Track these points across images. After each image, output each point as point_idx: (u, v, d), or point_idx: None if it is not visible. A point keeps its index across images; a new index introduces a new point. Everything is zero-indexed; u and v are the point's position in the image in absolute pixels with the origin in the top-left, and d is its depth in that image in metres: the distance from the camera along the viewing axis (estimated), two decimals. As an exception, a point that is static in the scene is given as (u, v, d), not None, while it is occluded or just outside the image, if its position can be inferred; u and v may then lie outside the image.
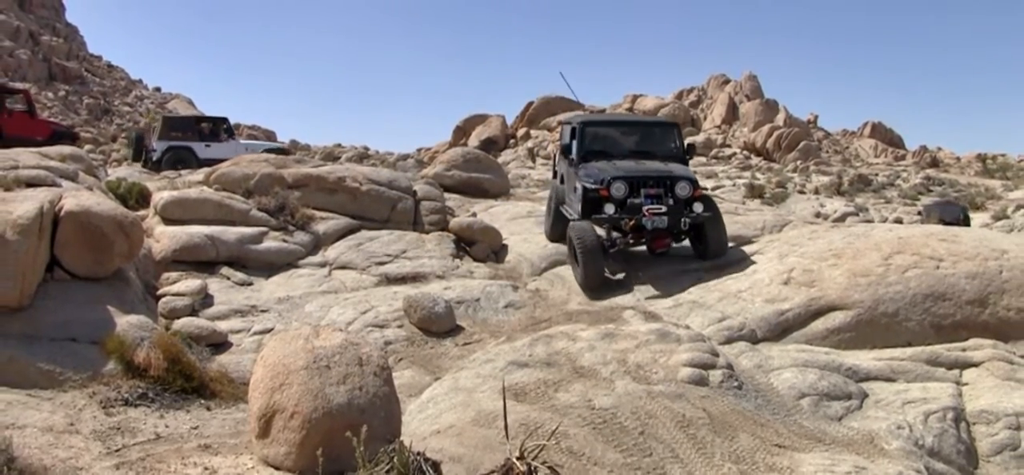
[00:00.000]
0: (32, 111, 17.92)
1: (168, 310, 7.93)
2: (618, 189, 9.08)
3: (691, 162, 10.61)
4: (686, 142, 10.96)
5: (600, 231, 9.27)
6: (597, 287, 8.98)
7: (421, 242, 10.59)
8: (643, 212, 8.97)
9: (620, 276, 9.48)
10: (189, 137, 20.41)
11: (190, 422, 5.77)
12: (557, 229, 10.68)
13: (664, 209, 9.03)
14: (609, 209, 9.03)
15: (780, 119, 49.86)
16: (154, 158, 20.02)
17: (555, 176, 11.80)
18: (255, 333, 7.80)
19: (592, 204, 9.30)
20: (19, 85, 29.76)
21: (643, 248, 9.65)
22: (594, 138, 10.48)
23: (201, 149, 20.30)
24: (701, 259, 9.60)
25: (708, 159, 43.08)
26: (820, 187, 29.69)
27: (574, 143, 10.35)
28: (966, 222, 22.43)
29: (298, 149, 37.38)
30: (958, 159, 50.18)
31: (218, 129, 21.02)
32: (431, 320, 8.02)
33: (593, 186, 9.31)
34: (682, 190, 9.19)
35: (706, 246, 9.56)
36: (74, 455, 4.85)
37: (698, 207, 9.17)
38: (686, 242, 9.85)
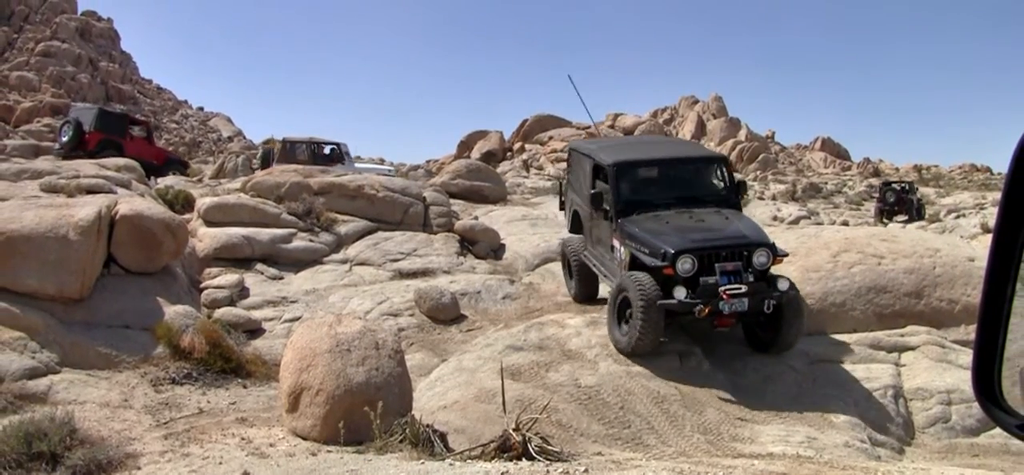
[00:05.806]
0: (150, 138, 18.18)
1: (210, 301, 7.92)
2: (685, 266, 5.98)
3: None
4: (737, 179, 7.57)
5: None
6: (649, 353, 6.17)
7: (430, 242, 10.58)
8: (721, 295, 5.85)
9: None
10: (305, 161, 19.79)
11: (229, 398, 5.78)
12: (588, 289, 7.84)
13: (744, 288, 5.91)
14: (679, 293, 5.90)
15: (742, 135, 49.95)
16: None
17: (562, 208, 8.92)
18: (285, 321, 7.79)
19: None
20: (141, 117, 29.34)
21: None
22: (634, 185, 7.03)
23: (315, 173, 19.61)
24: (760, 350, 6.51)
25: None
26: (777, 194, 29.74)
27: (608, 191, 6.96)
28: (914, 191, 23.30)
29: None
30: (897, 169, 50.23)
31: (333, 154, 20.57)
32: (438, 309, 8.02)
33: (654, 262, 6.14)
34: (761, 260, 6.08)
35: (777, 336, 6.32)
36: (128, 427, 4.86)
37: (783, 284, 6.07)
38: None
